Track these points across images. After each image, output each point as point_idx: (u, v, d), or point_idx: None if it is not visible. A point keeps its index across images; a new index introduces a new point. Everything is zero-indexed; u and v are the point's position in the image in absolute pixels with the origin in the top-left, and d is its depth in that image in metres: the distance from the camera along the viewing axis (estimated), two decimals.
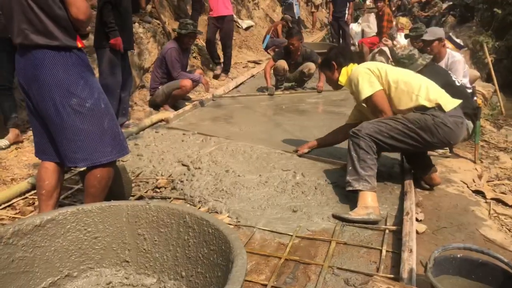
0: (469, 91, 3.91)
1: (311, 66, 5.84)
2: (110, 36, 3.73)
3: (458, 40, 7.24)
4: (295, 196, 2.67)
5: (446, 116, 2.50)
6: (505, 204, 2.74)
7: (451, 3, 14.36)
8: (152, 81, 5.18)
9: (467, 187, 2.91)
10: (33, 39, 1.92)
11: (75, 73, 1.98)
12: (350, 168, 2.54)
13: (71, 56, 1.99)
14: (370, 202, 2.39)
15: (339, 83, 2.94)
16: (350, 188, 2.49)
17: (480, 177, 3.14)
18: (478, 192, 2.86)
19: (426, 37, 4.13)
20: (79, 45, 2.01)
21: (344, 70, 2.91)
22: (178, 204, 2.11)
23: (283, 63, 5.83)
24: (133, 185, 3.05)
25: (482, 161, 3.56)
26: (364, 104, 2.82)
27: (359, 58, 2.87)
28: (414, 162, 2.87)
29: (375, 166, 2.51)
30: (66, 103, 1.96)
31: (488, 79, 8.38)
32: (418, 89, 2.59)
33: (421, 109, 2.56)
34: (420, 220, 2.38)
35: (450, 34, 7.67)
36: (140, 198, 2.78)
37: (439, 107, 2.53)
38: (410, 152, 2.78)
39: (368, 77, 2.66)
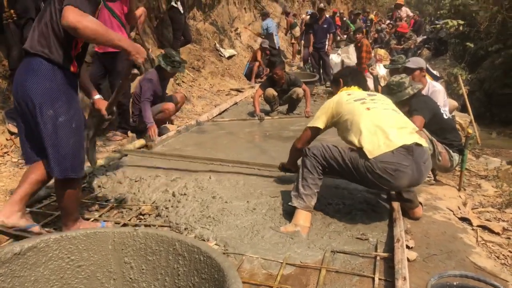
0: None
1: (298, 91, 6.15)
2: None
3: (435, 72, 7.50)
4: (284, 224, 2.62)
5: (376, 163, 2.39)
6: (491, 231, 2.76)
7: (425, 37, 14.99)
8: (133, 107, 5.12)
9: (453, 214, 2.93)
10: (36, 47, 2.10)
11: (61, 89, 2.14)
12: (295, 184, 2.67)
13: (64, 73, 2.14)
14: (301, 222, 2.52)
15: None
16: (290, 204, 2.61)
17: (464, 204, 3.17)
18: (464, 219, 2.88)
19: (408, 65, 4.25)
20: (72, 69, 2.15)
21: (340, 90, 2.96)
22: (167, 231, 2.03)
23: (271, 91, 6.17)
24: (115, 211, 2.96)
25: (465, 189, 3.61)
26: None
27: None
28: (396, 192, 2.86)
29: (315, 186, 2.59)
30: (45, 112, 2.09)
31: (463, 110, 8.66)
32: (356, 128, 2.56)
33: (353, 145, 2.55)
34: (411, 247, 2.36)
35: (427, 65, 7.94)
36: (124, 225, 2.68)
37: (361, 150, 2.46)
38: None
39: (325, 110, 2.77)
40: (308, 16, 11.46)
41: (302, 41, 11.71)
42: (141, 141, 4.57)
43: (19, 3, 4.07)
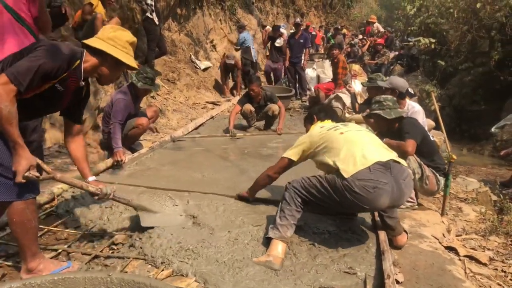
0: None
1: (274, 108, 6.10)
2: None
3: (409, 89, 7.59)
4: None
5: (354, 181, 2.36)
6: (478, 261, 2.71)
7: (396, 53, 15.29)
8: (103, 124, 4.87)
9: (439, 242, 2.87)
10: None
11: None
12: (275, 216, 2.61)
13: None
14: (274, 252, 2.43)
15: None
16: (267, 235, 2.55)
17: (449, 231, 3.12)
18: (450, 249, 2.82)
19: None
20: None
21: (313, 125, 3.04)
22: (145, 277, 1.85)
23: (248, 107, 6.11)
24: (85, 241, 2.74)
25: (447, 213, 3.58)
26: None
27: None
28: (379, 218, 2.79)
29: (291, 217, 2.53)
30: None
31: (435, 128, 8.79)
32: (332, 152, 2.60)
33: (330, 169, 2.56)
34: (401, 282, 2.27)
35: None
36: (96, 257, 2.48)
37: (337, 171, 2.46)
38: (340, 210, 2.85)
39: (299, 143, 2.83)
40: (271, 28, 11.20)
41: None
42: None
43: None
